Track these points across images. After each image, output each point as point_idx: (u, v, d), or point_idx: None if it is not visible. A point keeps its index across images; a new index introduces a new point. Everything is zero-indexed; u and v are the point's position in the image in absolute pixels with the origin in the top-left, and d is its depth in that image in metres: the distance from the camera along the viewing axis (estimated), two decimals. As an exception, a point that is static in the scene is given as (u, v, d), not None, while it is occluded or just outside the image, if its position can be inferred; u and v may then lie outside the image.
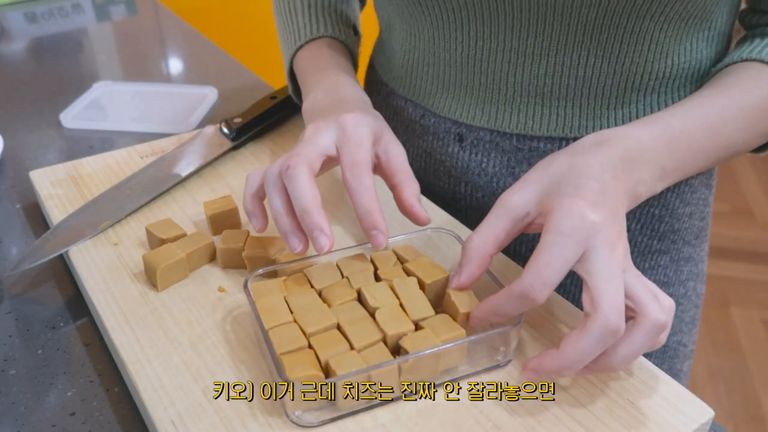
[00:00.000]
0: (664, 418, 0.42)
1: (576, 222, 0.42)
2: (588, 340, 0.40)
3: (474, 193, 0.66)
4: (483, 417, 0.42)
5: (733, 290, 2.07)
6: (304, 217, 0.47)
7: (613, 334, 0.40)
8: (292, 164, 0.48)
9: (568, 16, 0.54)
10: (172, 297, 0.52)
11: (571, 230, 0.41)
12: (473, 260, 0.46)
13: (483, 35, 0.58)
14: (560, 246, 0.41)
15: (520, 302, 0.42)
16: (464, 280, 0.46)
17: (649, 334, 0.41)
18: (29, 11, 1.20)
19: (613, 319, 0.40)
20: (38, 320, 0.54)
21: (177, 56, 1.09)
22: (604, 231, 0.42)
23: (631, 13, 0.53)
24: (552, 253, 0.41)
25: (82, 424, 0.45)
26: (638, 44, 0.56)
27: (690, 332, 0.74)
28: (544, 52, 0.57)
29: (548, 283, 0.41)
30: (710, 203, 0.71)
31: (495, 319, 0.45)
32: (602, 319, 0.39)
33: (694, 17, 0.56)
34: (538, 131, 0.61)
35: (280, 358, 0.42)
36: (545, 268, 0.41)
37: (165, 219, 0.58)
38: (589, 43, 0.56)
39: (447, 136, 0.65)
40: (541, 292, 0.41)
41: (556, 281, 0.41)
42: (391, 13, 0.66)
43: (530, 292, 0.41)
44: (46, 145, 0.79)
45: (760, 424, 1.66)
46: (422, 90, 0.66)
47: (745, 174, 2.63)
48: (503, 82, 0.60)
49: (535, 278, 0.41)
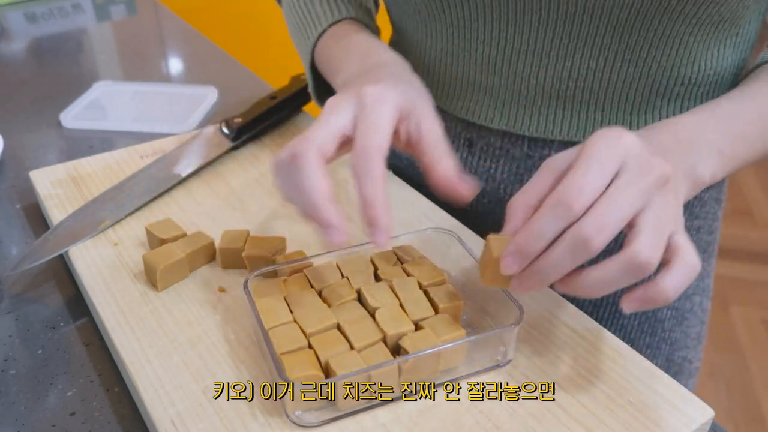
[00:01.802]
0: (664, 418, 0.42)
1: (614, 139, 0.40)
2: (562, 243, 0.39)
3: (480, 199, 0.65)
4: (483, 417, 0.42)
5: (733, 290, 2.07)
6: (315, 214, 0.43)
7: (563, 210, 0.38)
8: (298, 152, 0.44)
9: (598, 17, 0.53)
10: (172, 297, 0.52)
11: (610, 147, 0.39)
12: (517, 214, 0.42)
13: (506, 35, 0.57)
14: (594, 158, 0.39)
15: (557, 214, 0.39)
16: (507, 232, 0.42)
17: (621, 266, 0.39)
18: (29, 11, 1.20)
19: (590, 231, 0.38)
20: (38, 320, 0.54)
21: (177, 56, 1.09)
22: (645, 153, 0.40)
23: (663, 15, 0.52)
24: (585, 165, 0.39)
25: (82, 424, 0.45)
26: (666, 48, 0.55)
27: (695, 348, 0.73)
28: (569, 53, 0.56)
29: (583, 190, 0.38)
30: (719, 218, 0.69)
31: (536, 246, 0.40)
32: (582, 228, 0.38)
33: (724, 21, 0.54)
34: (558, 135, 0.60)
35: (280, 358, 0.42)
36: (580, 177, 0.39)
37: (165, 219, 0.58)
38: (617, 45, 0.54)
39: (457, 141, 0.65)
40: (577, 199, 0.38)
41: (593, 193, 0.39)
42: (405, 13, 0.65)
43: (566, 199, 0.38)
44: (46, 145, 0.79)
45: (760, 424, 1.66)
46: (436, 90, 0.65)
47: (745, 174, 2.63)
48: (524, 84, 0.59)
49: (570, 187, 0.39)
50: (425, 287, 0.48)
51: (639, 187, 0.39)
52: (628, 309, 0.40)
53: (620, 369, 0.46)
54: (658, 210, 0.40)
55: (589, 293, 0.40)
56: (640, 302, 0.40)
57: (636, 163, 0.39)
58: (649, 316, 0.66)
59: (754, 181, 2.59)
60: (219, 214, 0.61)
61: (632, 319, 0.67)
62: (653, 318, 0.67)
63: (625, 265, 0.38)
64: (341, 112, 0.46)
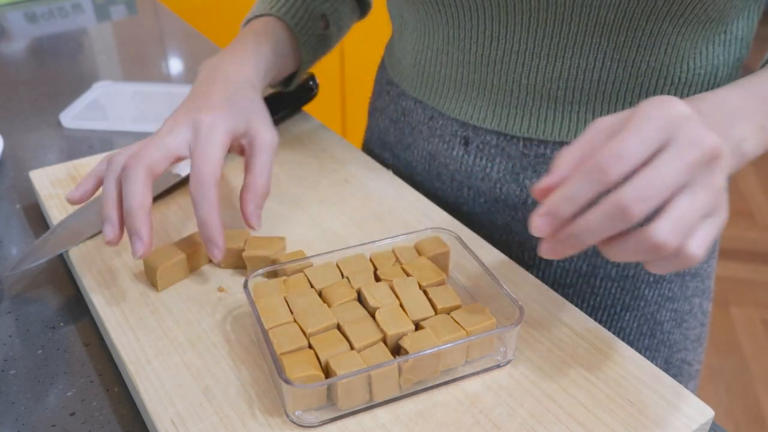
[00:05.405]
0: (664, 418, 0.42)
1: (662, 108, 0.39)
2: (599, 209, 0.38)
3: (477, 198, 0.66)
4: (483, 417, 0.42)
5: (733, 290, 2.07)
6: (128, 219, 0.50)
7: (598, 175, 0.37)
8: (131, 165, 0.50)
9: (586, 17, 0.54)
10: (172, 297, 0.52)
11: (658, 116, 0.38)
12: (560, 170, 0.40)
13: (498, 35, 0.58)
14: (638, 125, 0.38)
15: (592, 178, 0.38)
16: (550, 180, 0.41)
17: (636, 243, 0.38)
18: (29, 11, 1.20)
19: (629, 199, 0.37)
20: (38, 320, 0.54)
21: (177, 56, 1.09)
22: (695, 125, 0.38)
23: (650, 15, 0.53)
24: (629, 131, 0.38)
25: (82, 424, 0.45)
26: (655, 48, 0.55)
27: (695, 351, 0.73)
28: (559, 53, 0.56)
29: (622, 156, 0.37)
30: None
31: (568, 209, 0.39)
32: (621, 195, 0.37)
33: (711, 21, 0.55)
34: (549, 135, 0.60)
35: (280, 358, 0.42)
36: (620, 142, 0.38)
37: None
38: (606, 45, 0.55)
39: (453, 139, 0.65)
40: (614, 165, 0.37)
41: (633, 157, 0.37)
42: (404, 13, 0.66)
43: (602, 163, 0.37)
44: (46, 145, 0.79)
45: (760, 424, 1.66)
46: (433, 90, 0.66)
47: (745, 174, 2.63)
48: (516, 84, 0.59)
49: (608, 151, 0.38)
50: (425, 288, 0.48)
51: (685, 161, 0.38)
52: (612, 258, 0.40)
53: (620, 369, 0.46)
54: (699, 191, 0.38)
55: (609, 257, 0.39)
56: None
57: (685, 136, 0.38)
58: (648, 318, 0.66)
59: (754, 182, 2.59)
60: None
61: (631, 321, 0.67)
62: (652, 320, 0.67)
63: (640, 242, 0.38)
64: (178, 135, 0.53)
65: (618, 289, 0.65)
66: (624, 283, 0.65)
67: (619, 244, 0.39)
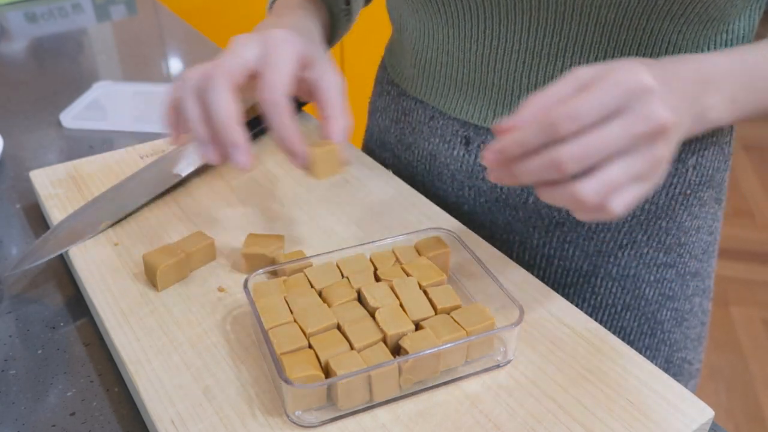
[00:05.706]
0: (664, 418, 0.42)
1: (630, 77, 0.40)
2: (539, 158, 0.40)
3: (477, 198, 0.66)
4: (483, 417, 0.42)
5: (733, 290, 2.07)
6: (221, 132, 0.46)
7: (550, 129, 0.40)
8: (212, 75, 0.47)
9: (586, 16, 0.54)
10: (172, 297, 0.52)
11: (623, 82, 0.40)
12: (527, 110, 0.42)
13: (498, 34, 0.58)
14: (603, 89, 0.40)
15: (544, 130, 0.40)
16: (512, 122, 0.43)
17: (563, 194, 0.41)
18: (29, 11, 1.20)
19: (566, 157, 0.39)
20: (38, 320, 0.54)
21: (177, 56, 1.09)
22: (654, 100, 0.40)
23: (651, 14, 0.53)
24: (592, 93, 0.40)
25: (82, 424, 0.45)
26: (656, 46, 0.55)
27: (695, 350, 0.73)
28: (560, 53, 0.57)
29: (575, 116, 0.39)
30: (720, 218, 0.69)
31: (515, 151, 0.42)
32: (561, 152, 0.39)
33: (712, 20, 0.55)
34: None
35: (280, 358, 0.42)
36: (578, 101, 0.40)
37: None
38: (606, 44, 0.55)
39: (454, 139, 0.65)
40: (566, 123, 0.39)
41: (585, 119, 0.39)
42: (404, 12, 0.66)
43: (556, 120, 0.39)
44: (46, 145, 0.79)
45: (760, 424, 1.66)
46: (433, 90, 0.66)
47: (745, 174, 2.63)
48: (517, 83, 0.60)
49: (566, 110, 0.40)
50: (425, 288, 0.48)
51: (631, 132, 0.40)
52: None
53: (620, 369, 0.46)
54: (637, 158, 0.41)
55: (540, 198, 0.43)
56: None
57: (640, 108, 0.40)
58: (648, 317, 0.67)
59: (754, 182, 2.59)
60: (219, 214, 0.61)
61: (632, 320, 0.67)
62: (653, 319, 0.67)
63: (566, 194, 0.41)
64: (248, 49, 0.49)
65: (618, 288, 0.65)
66: (624, 283, 0.65)
67: (550, 190, 0.42)
